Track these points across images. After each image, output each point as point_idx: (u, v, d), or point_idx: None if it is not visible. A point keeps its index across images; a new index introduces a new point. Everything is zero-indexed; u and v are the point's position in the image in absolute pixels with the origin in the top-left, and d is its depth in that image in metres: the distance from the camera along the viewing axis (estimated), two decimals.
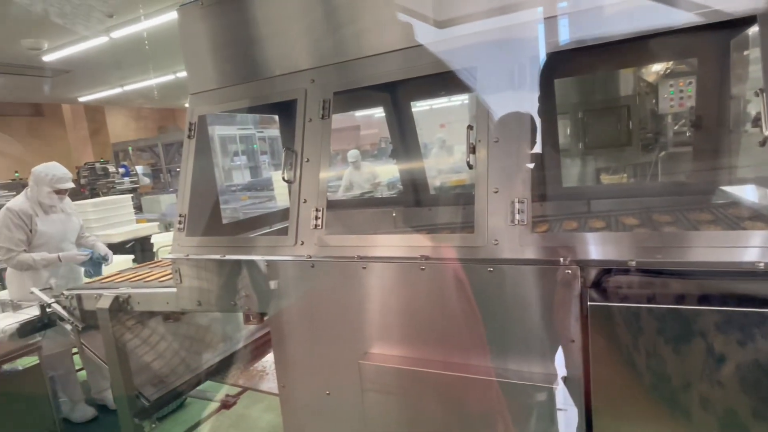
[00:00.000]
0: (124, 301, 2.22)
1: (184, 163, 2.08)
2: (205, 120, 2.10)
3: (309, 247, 1.72)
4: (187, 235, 2.03)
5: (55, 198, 3.17)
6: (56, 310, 2.43)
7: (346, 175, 7.19)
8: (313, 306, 1.73)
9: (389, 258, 1.58)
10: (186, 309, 2.09)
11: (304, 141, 1.78)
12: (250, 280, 1.85)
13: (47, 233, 3.16)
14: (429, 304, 1.53)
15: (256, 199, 8.91)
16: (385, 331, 1.62)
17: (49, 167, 3.19)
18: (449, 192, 4.98)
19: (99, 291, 2.31)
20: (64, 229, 3.29)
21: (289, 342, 1.81)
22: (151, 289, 2.21)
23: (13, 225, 3.03)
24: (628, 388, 1.23)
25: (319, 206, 1.72)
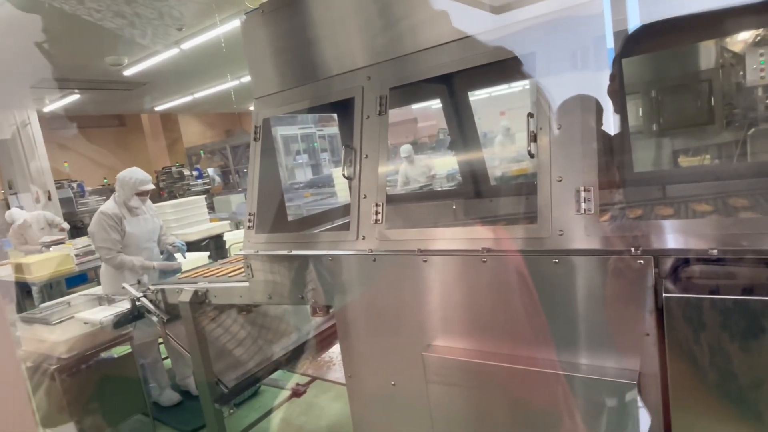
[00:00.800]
0: (202, 294, 2.39)
1: (251, 165, 2.20)
2: (269, 122, 2.21)
3: (370, 242, 1.75)
4: (256, 232, 2.15)
5: (139, 200, 3.48)
6: (144, 303, 2.67)
7: (402, 170, 7.22)
8: (376, 299, 1.77)
9: (450, 251, 1.58)
10: (258, 302, 2.22)
11: (363, 138, 1.81)
12: (316, 274, 1.92)
13: (134, 234, 3.49)
14: (492, 296, 1.52)
15: (318, 196, 9.18)
16: (447, 324, 1.62)
17: (132, 172, 3.51)
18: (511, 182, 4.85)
19: (180, 286, 2.51)
20: (147, 230, 3.62)
21: (353, 333, 1.86)
22: (226, 284, 2.36)
23: (108, 227, 3.37)
24: (708, 385, 1.16)
25: (378, 201, 1.76)
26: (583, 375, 1.35)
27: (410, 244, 1.66)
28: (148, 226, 3.64)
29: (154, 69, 7.86)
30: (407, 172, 7.10)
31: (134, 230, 3.50)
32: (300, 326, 2.92)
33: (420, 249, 1.63)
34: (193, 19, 5.84)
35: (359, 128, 1.82)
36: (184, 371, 3.68)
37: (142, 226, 3.59)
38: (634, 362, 1.30)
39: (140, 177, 3.49)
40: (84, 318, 2.96)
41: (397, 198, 3.03)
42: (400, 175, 7.21)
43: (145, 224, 3.62)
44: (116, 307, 2.97)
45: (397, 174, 7.22)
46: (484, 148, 3.00)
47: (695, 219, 1.28)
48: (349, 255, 1.80)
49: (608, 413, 1.32)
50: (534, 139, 1.45)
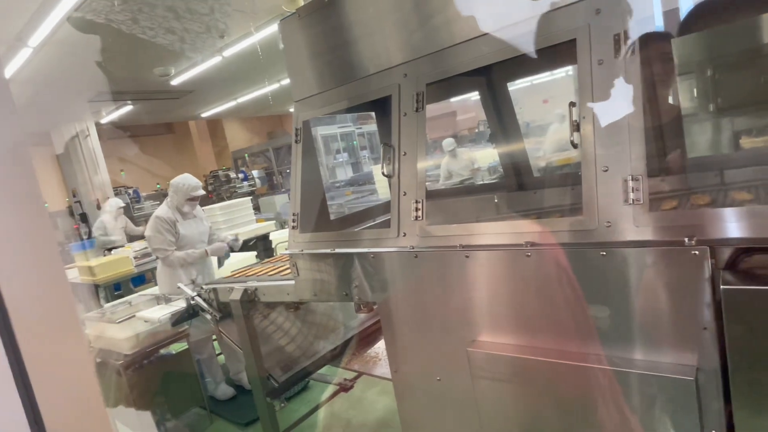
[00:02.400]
0: (251, 293, 2.49)
1: (293, 166, 2.26)
2: (309, 124, 2.26)
3: (411, 238, 1.77)
4: (300, 231, 2.21)
5: (190, 205, 3.67)
6: (198, 302, 2.81)
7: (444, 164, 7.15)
8: (419, 295, 1.79)
9: (493, 246, 1.57)
10: (304, 299, 2.28)
11: (401, 135, 1.83)
12: (359, 272, 1.96)
13: (187, 236, 3.69)
14: (537, 291, 1.50)
15: (359, 194, 9.28)
16: (492, 319, 1.62)
17: (184, 178, 3.70)
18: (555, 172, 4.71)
19: (231, 285, 2.62)
20: (199, 231, 3.81)
21: (397, 329, 1.89)
22: (274, 282, 2.45)
23: (163, 230, 3.58)
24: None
25: (418, 198, 1.77)
26: (638, 371, 1.30)
27: (452, 240, 1.67)
28: (200, 228, 3.83)
29: (198, 77, 8.21)
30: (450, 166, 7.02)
31: (187, 232, 3.70)
32: (346, 322, 2.98)
33: (462, 244, 1.63)
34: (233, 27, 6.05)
35: (397, 126, 1.84)
36: (237, 367, 3.84)
37: (194, 228, 3.78)
38: (691, 358, 1.25)
39: (192, 183, 3.68)
40: (144, 317, 3.16)
41: (437, 193, 3.02)
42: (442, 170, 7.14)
43: (197, 226, 3.81)
44: (173, 306, 3.14)
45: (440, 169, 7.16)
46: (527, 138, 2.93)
47: (754, 206, 1.21)
48: (390, 252, 1.83)
49: (664, 411, 1.27)
50: (577, 129, 1.41)
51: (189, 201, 3.67)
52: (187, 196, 3.64)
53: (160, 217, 3.60)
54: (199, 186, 3.71)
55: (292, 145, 2.27)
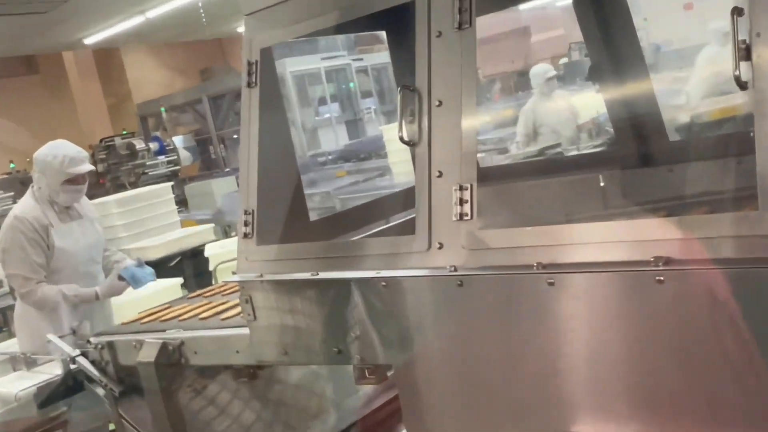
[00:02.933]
0: (175, 350, 2.51)
1: (244, 129, 2.28)
2: (271, 54, 2.27)
3: (452, 253, 1.77)
4: (258, 243, 2.22)
5: (71, 193, 3.70)
6: (83, 366, 2.85)
7: (528, 112, 6.99)
8: (467, 352, 1.79)
9: (596, 264, 1.57)
10: (265, 360, 2.29)
11: (432, 72, 1.83)
12: (362, 312, 1.96)
13: (67, 250, 3.71)
14: (678, 343, 1.49)
15: (360, 174, 9.33)
16: (598, 396, 1.61)
17: (55, 147, 3.76)
18: (707, 133, 4.69)
19: (139, 337, 2.65)
20: (87, 243, 3.83)
21: (431, 412, 1.89)
22: (213, 331, 2.46)
23: (26, 241, 3.60)
24: None
25: (465, 181, 1.77)
26: None
27: (524, 255, 1.67)
28: (87, 236, 3.87)
29: None
30: (541, 115, 6.84)
31: (67, 244, 3.72)
32: (339, 402, 2.99)
33: (542, 263, 1.63)
34: None
35: (425, 56, 1.84)
36: None
37: (79, 236, 3.81)
38: None
39: (69, 153, 3.72)
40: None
41: (497, 173, 3.02)
42: (523, 123, 6.99)
43: (83, 233, 3.84)
44: (40, 374, 3.18)
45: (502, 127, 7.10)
46: (656, 73, 2.93)
47: None
48: (415, 277, 1.83)
49: None
50: (746, 56, 1.40)
51: (67, 185, 3.70)
52: (62, 176, 3.67)
53: (23, 219, 3.64)
54: (81, 156, 3.76)
55: (243, 92, 2.29)
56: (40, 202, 3.73)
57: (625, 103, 2.70)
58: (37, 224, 3.63)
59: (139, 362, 2.58)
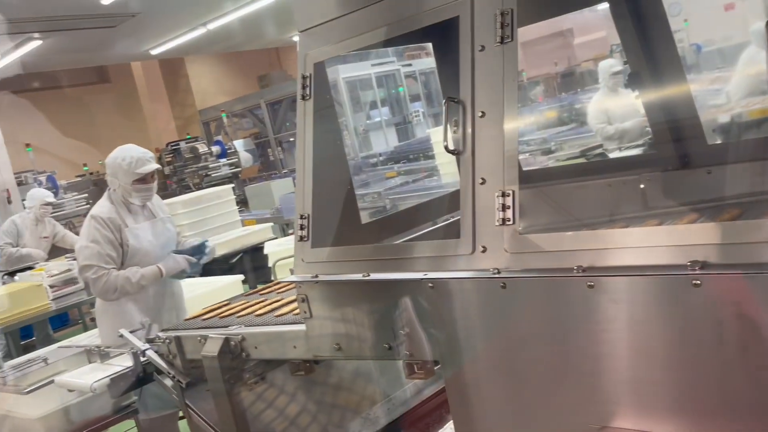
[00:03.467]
0: (236, 345, 2.58)
1: (300, 137, 2.33)
2: (324, 69, 2.32)
3: (495, 256, 1.79)
4: (313, 245, 2.27)
5: (142, 193, 3.82)
6: (152, 359, 2.94)
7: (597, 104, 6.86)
8: (511, 351, 1.80)
9: (634, 268, 1.57)
10: (321, 356, 2.34)
11: (475, 84, 1.84)
12: (411, 312, 1.99)
13: (139, 249, 3.82)
14: (714, 346, 1.48)
15: (408, 176, 9.33)
16: (635, 395, 1.61)
17: (123, 150, 3.89)
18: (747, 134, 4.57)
19: (204, 332, 2.73)
20: (159, 242, 3.93)
21: (476, 406, 1.91)
22: (272, 327, 2.52)
23: (101, 237, 3.73)
24: None
25: (507, 187, 1.78)
26: None
27: (565, 258, 1.67)
28: (160, 235, 3.96)
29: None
30: (609, 107, 6.75)
31: (140, 242, 3.84)
32: (390, 393, 3.02)
33: (582, 266, 1.63)
34: None
35: (469, 69, 1.85)
36: None
37: (152, 235, 3.91)
38: None
39: (135, 155, 3.83)
40: (67, 383, 3.31)
41: (539, 175, 3.01)
42: (594, 114, 6.86)
43: (156, 232, 3.94)
44: (113, 365, 3.29)
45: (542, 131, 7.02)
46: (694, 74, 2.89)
47: None
48: (461, 279, 1.85)
49: None
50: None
51: (137, 185, 3.82)
52: (131, 176, 3.79)
53: (99, 218, 3.77)
54: (147, 157, 3.86)
55: (298, 104, 2.33)
56: (115, 203, 3.85)
57: (662, 106, 2.65)
58: (111, 223, 3.75)
59: (203, 355, 2.65)
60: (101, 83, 16.35)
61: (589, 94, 9.85)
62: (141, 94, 16.38)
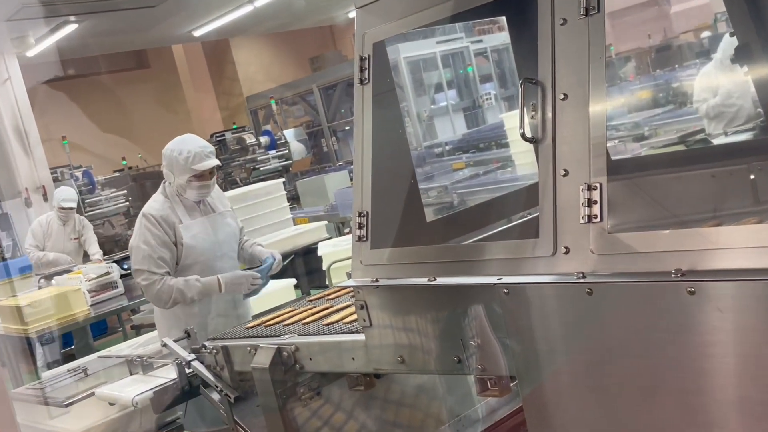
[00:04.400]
0: (289, 355, 2.62)
1: (357, 128, 2.34)
2: (384, 49, 2.32)
3: (579, 258, 1.77)
4: (373, 246, 2.28)
5: (198, 189, 3.87)
6: (197, 370, 3.00)
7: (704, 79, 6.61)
8: (598, 365, 1.78)
9: (743, 272, 1.53)
10: (382, 369, 2.35)
11: (556, 62, 1.82)
12: (483, 321, 1.98)
13: (195, 248, 3.87)
14: None
15: (479, 167, 9.28)
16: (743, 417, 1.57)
17: (181, 142, 3.92)
18: None
19: (253, 341, 2.77)
20: (217, 239, 3.97)
21: (558, 428, 1.89)
22: (328, 337, 2.54)
23: (152, 237, 3.80)
24: None
25: (593, 180, 1.76)
26: None
27: (661, 261, 1.64)
28: (219, 231, 4.00)
29: None
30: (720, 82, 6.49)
31: (196, 240, 3.88)
32: (459, 412, 3.02)
33: (681, 270, 1.60)
34: None
35: (548, 46, 1.83)
36: None
37: (209, 232, 3.95)
38: None
39: (193, 149, 3.85)
40: (108, 395, 3.42)
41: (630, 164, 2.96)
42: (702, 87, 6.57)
43: (215, 229, 3.98)
44: (156, 377, 3.38)
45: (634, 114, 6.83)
46: None
47: None
48: (540, 284, 1.84)
49: None
50: None
51: (194, 181, 3.85)
52: (188, 172, 3.82)
53: (151, 217, 3.83)
54: (206, 152, 3.88)
55: (356, 89, 2.35)
56: (169, 197, 3.92)
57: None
58: (164, 221, 3.81)
59: (253, 367, 2.69)
60: (139, 69, 16.75)
61: (688, 71, 9.62)
62: (183, 80, 16.74)
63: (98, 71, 15.71)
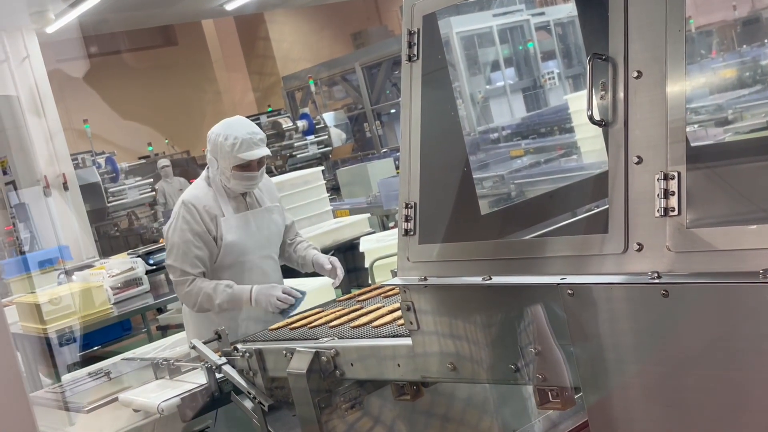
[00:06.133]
0: (329, 360, 2.63)
1: (405, 110, 2.34)
2: (436, 22, 2.32)
3: (654, 256, 1.75)
4: (421, 241, 2.29)
5: (244, 181, 3.82)
6: (228, 375, 3.04)
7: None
8: (673, 376, 1.76)
9: None
10: (430, 376, 2.35)
11: (629, 36, 1.81)
12: (543, 324, 1.98)
13: (236, 245, 3.84)
14: None
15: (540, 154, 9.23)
16: None
17: (229, 126, 3.85)
18: None
19: (289, 344, 2.79)
20: (260, 237, 3.94)
21: None
22: (371, 341, 2.55)
23: (190, 232, 3.78)
24: None
25: (671, 168, 1.74)
26: None
27: (746, 260, 1.62)
28: (264, 228, 3.96)
29: None
30: None
31: (238, 237, 3.86)
32: (515, 428, 3.01)
33: None
34: None
35: (621, 17, 1.82)
36: None
37: (253, 229, 3.91)
38: None
39: (241, 135, 3.75)
40: (133, 401, 3.49)
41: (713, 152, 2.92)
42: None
43: (259, 225, 3.93)
44: (184, 382, 3.43)
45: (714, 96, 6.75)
46: None
47: None
48: (609, 285, 1.82)
49: None
50: None
51: (239, 171, 3.79)
52: (233, 160, 3.75)
53: (190, 205, 3.82)
54: (256, 139, 3.79)
55: (403, 66, 2.35)
56: (213, 186, 3.89)
57: None
58: (206, 214, 3.80)
59: (289, 373, 2.72)
60: (167, 46, 16.94)
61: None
62: (214, 59, 16.90)
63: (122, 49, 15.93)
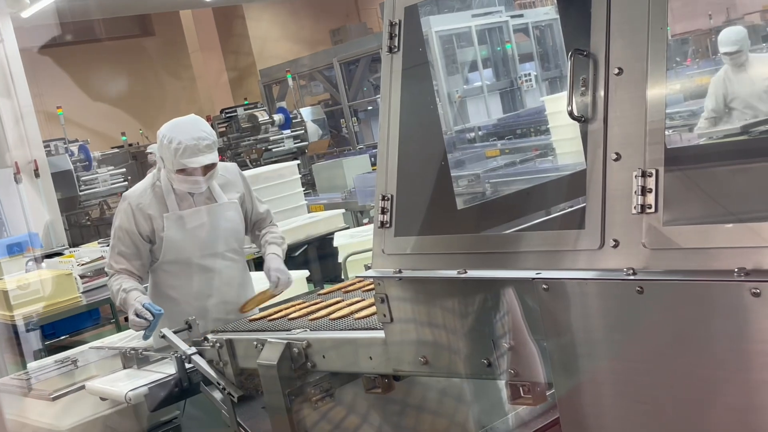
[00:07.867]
0: (300, 352, 2.61)
1: (384, 102, 2.33)
2: (417, 14, 2.30)
3: (630, 252, 1.75)
4: (396, 234, 2.27)
5: (187, 182, 3.65)
6: (198, 365, 3.01)
7: (717, 84, 6.83)
8: (646, 373, 1.76)
9: None
10: (402, 370, 2.34)
11: (611, 32, 1.80)
12: (518, 319, 1.97)
13: (175, 242, 3.73)
14: None
15: (515, 154, 9.25)
16: None
17: (175, 127, 3.66)
18: None
19: (261, 335, 2.77)
20: (206, 234, 3.80)
21: None
22: (343, 333, 2.54)
23: (119, 230, 3.74)
24: None
25: (649, 166, 1.74)
26: None
27: (722, 258, 1.62)
28: (215, 226, 3.77)
29: None
30: (731, 87, 6.68)
31: (178, 234, 3.74)
32: (486, 423, 3.01)
33: (745, 269, 1.58)
34: None
35: (603, 14, 1.81)
36: None
37: (197, 226, 3.76)
38: None
39: (185, 138, 3.53)
40: (100, 390, 3.44)
41: (688, 154, 2.93)
42: (713, 96, 6.83)
43: (210, 221, 3.76)
44: (152, 372, 3.39)
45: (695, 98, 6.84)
46: None
47: None
48: (584, 280, 1.82)
49: None
50: None
51: (181, 175, 3.62)
52: (175, 165, 3.58)
53: (125, 201, 3.76)
54: (201, 146, 3.55)
55: (383, 59, 2.34)
56: (162, 183, 3.74)
57: None
58: (139, 212, 3.69)
59: (260, 364, 2.70)
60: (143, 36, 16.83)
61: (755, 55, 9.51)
62: (191, 50, 16.81)
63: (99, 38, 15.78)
